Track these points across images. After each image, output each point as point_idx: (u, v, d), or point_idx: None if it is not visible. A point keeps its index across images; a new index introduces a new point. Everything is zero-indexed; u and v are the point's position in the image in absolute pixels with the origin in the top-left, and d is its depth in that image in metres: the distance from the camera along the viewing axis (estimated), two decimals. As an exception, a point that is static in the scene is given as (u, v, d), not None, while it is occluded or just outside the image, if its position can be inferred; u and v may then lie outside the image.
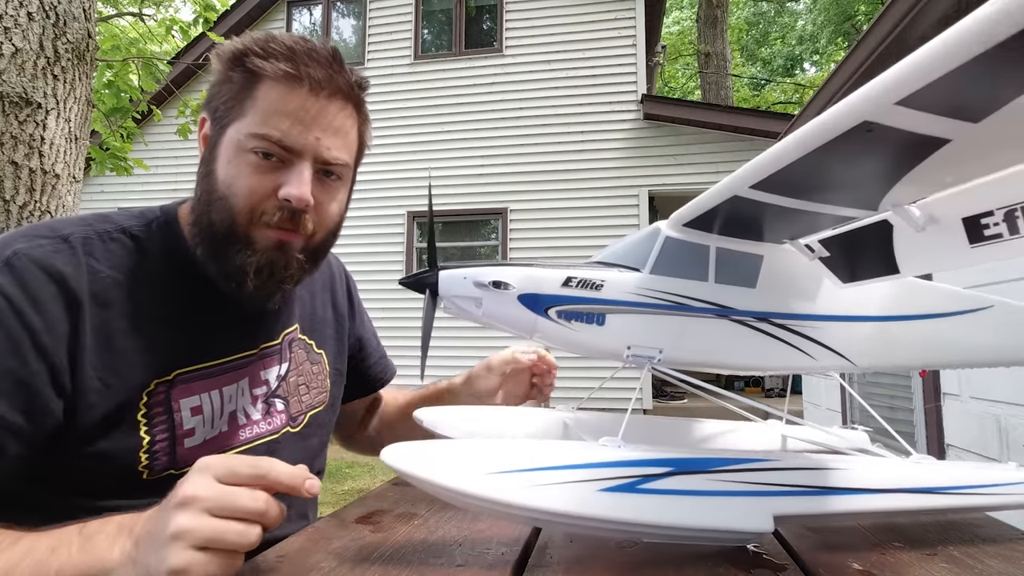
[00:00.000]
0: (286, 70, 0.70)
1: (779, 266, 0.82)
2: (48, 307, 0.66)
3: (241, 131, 0.72)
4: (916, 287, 0.89)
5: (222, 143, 0.74)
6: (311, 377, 0.95)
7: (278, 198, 0.72)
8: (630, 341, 0.78)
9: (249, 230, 0.74)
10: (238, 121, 0.72)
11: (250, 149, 0.72)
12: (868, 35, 3.04)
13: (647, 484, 0.61)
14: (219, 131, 0.74)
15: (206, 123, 0.78)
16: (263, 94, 0.71)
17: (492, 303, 0.79)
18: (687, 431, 1.12)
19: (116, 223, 0.77)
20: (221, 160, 0.73)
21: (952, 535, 0.74)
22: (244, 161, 0.72)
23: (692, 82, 18.60)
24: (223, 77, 0.75)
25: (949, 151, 0.51)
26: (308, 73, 0.71)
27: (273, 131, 0.71)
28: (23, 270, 0.66)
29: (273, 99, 0.71)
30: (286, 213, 0.73)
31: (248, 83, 0.72)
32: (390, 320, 6.66)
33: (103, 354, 0.70)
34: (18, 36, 1.79)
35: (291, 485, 0.55)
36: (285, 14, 7.82)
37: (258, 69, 0.71)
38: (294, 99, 0.71)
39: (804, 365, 0.84)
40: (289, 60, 0.71)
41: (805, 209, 0.67)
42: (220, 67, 0.75)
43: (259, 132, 0.71)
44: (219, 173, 0.73)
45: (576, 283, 0.78)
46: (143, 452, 0.72)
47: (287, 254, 0.76)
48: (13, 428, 0.64)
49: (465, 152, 6.89)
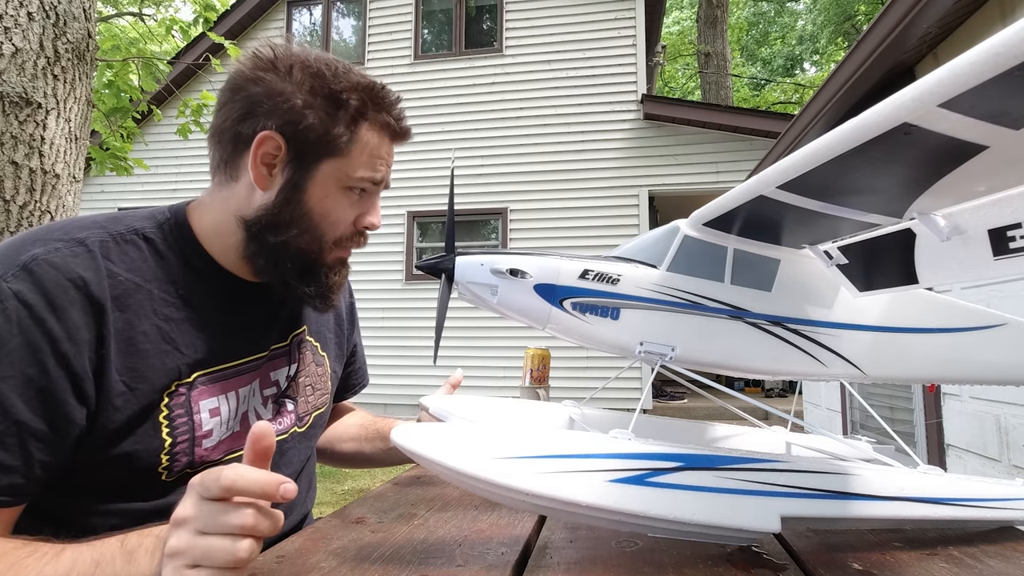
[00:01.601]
0: (386, 121, 0.79)
1: (796, 271, 0.82)
2: (69, 314, 0.66)
3: (343, 170, 0.77)
4: (930, 300, 0.89)
5: (315, 176, 0.77)
6: (316, 378, 0.97)
7: (357, 226, 0.82)
8: (643, 337, 0.78)
9: (330, 255, 0.82)
10: (338, 159, 0.77)
11: (350, 187, 0.79)
12: (868, 35, 3.03)
13: (656, 478, 0.61)
14: (310, 161, 0.76)
15: (270, 142, 0.74)
16: (366, 139, 0.77)
17: (508, 291, 0.79)
18: (691, 433, 1.12)
19: (128, 224, 0.77)
20: (315, 192, 0.77)
21: (952, 535, 0.74)
22: (343, 196, 0.79)
23: (692, 82, 18.59)
24: (316, 109, 0.73)
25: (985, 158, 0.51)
26: (400, 126, 0.81)
27: (375, 174, 0.79)
28: (43, 276, 0.65)
29: (375, 144, 0.78)
30: (365, 238, 0.84)
31: (352, 126, 0.76)
32: (390, 320, 6.67)
33: (127, 358, 0.70)
34: (18, 36, 1.79)
35: (263, 493, 0.53)
36: (285, 14, 7.82)
37: (363, 114, 0.77)
38: (385, 144, 0.80)
39: (815, 371, 0.84)
40: (387, 111, 0.79)
41: (829, 213, 0.67)
42: (310, 97, 0.74)
43: (366, 175, 0.78)
44: (312, 204, 0.78)
45: (593, 276, 0.78)
46: (164, 454, 0.73)
47: (347, 268, 0.87)
48: (39, 435, 0.64)
49: (465, 152, 6.89)
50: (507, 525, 0.76)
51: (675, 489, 0.61)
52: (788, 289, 0.82)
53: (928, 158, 0.53)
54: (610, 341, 0.80)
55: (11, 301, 0.63)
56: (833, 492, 0.66)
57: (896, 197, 0.63)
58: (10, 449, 0.62)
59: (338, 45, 7.85)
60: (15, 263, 0.65)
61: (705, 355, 0.80)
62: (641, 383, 5.98)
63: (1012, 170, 0.55)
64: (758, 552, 0.67)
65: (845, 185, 0.61)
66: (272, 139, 0.74)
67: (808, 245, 0.81)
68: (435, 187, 6.84)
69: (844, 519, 0.68)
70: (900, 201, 0.64)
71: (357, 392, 1.18)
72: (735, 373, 0.87)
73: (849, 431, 3.80)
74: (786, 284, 0.81)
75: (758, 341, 0.81)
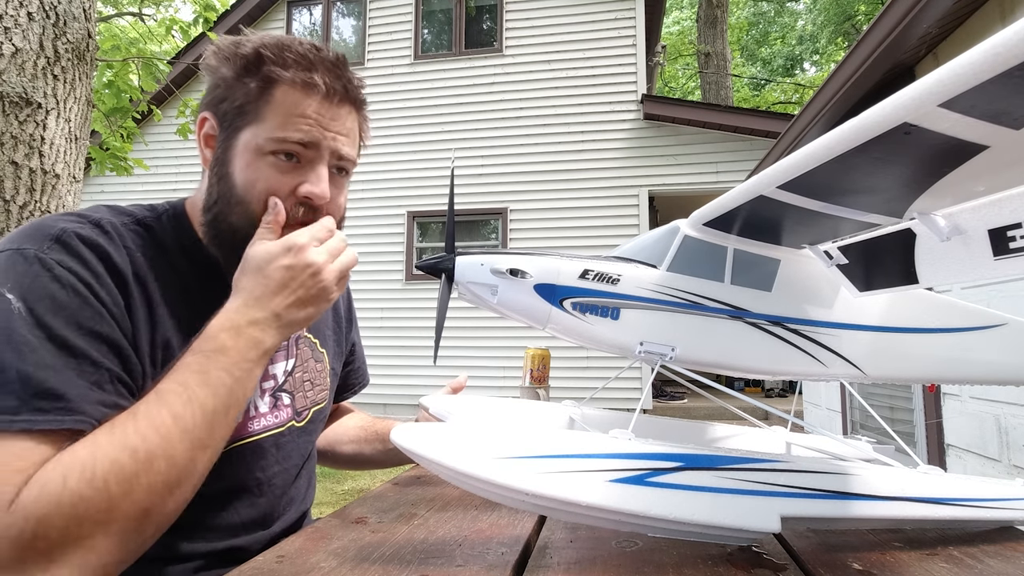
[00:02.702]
0: (303, 77, 0.74)
1: (796, 271, 0.82)
2: (106, 281, 0.68)
3: (259, 135, 0.74)
4: (930, 300, 0.89)
5: (236, 146, 0.75)
6: (315, 374, 0.97)
7: (297, 196, 0.76)
8: (643, 337, 0.78)
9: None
10: (254, 125, 0.74)
11: (271, 152, 0.74)
12: (868, 35, 3.03)
13: (656, 478, 0.61)
14: (231, 134, 0.76)
15: (207, 123, 0.79)
16: (280, 99, 0.74)
17: (508, 291, 0.79)
18: (691, 433, 1.12)
19: (131, 214, 0.78)
20: (238, 163, 0.75)
21: (952, 535, 0.74)
22: (264, 164, 0.75)
23: (692, 82, 18.58)
24: (233, 81, 0.76)
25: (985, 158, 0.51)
26: (324, 80, 0.75)
27: (295, 133, 0.74)
28: (77, 248, 0.67)
29: (291, 104, 0.74)
30: (307, 210, 0.77)
31: (264, 89, 0.74)
32: (390, 320, 6.67)
33: (150, 330, 0.72)
34: (18, 36, 1.79)
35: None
36: (285, 14, 7.82)
37: (275, 75, 0.73)
38: (311, 103, 0.74)
39: (815, 371, 0.84)
40: (305, 68, 0.74)
41: (829, 213, 0.67)
42: (229, 71, 0.76)
43: (280, 135, 0.73)
44: (236, 177, 0.75)
45: (593, 276, 0.78)
46: None
47: None
48: (128, 386, 0.66)
49: (465, 152, 6.89)
50: (507, 525, 0.76)
51: (675, 489, 0.61)
52: (788, 289, 0.82)
53: (928, 158, 0.53)
54: (610, 341, 0.80)
55: (58, 269, 0.65)
56: (833, 492, 0.66)
57: (896, 197, 0.63)
58: (109, 393, 0.64)
59: (338, 45, 7.85)
60: (48, 236, 0.67)
61: (705, 355, 0.80)
62: (641, 383, 5.98)
63: (1012, 170, 0.55)
64: (758, 552, 0.67)
65: (845, 185, 0.61)
66: (207, 119, 0.78)
67: (808, 245, 0.81)
68: (435, 187, 6.84)
69: (844, 519, 0.68)
70: (900, 201, 0.64)
71: (357, 392, 1.18)
72: (735, 373, 0.87)
73: (849, 431, 3.80)
74: (786, 284, 0.81)
75: (758, 341, 0.81)
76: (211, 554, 0.78)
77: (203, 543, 0.77)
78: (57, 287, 0.64)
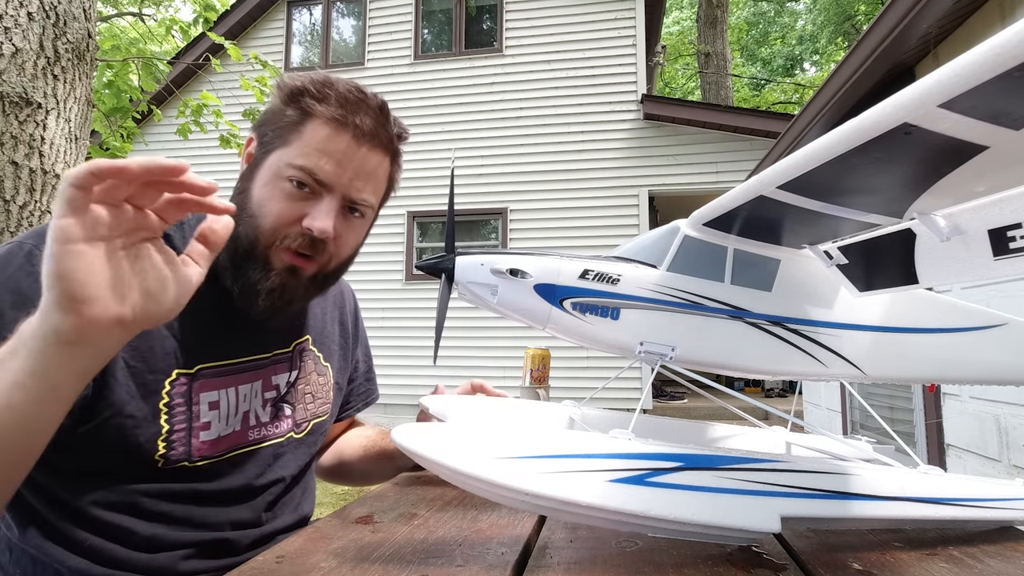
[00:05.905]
0: (335, 115, 0.76)
1: (796, 271, 0.82)
2: None
3: (283, 159, 0.77)
4: (930, 300, 0.89)
5: (263, 166, 0.79)
6: (317, 387, 0.98)
7: (302, 226, 0.77)
8: (643, 337, 0.78)
9: (269, 251, 0.78)
10: (282, 149, 0.77)
11: (287, 177, 0.76)
12: (868, 35, 3.03)
13: (656, 478, 0.61)
14: (263, 154, 0.79)
15: (252, 142, 0.83)
16: (311, 132, 0.76)
17: (508, 291, 0.80)
18: (691, 433, 1.12)
19: None
20: (259, 181, 0.78)
21: (952, 535, 0.74)
22: (279, 186, 0.77)
23: (692, 82, 18.58)
24: (277, 108, 0.80)
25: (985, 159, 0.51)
26: (355, 122, 0.77)
27: (311, 164, 0.75)
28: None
29: (318, 138, 0.76)
30: (306, 240, 0.78)
31: (299, 119, 0.77)
32: (390, 320, 6.67)
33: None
34: (18, 36, 1.79)
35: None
36: (285, 14, 7.81)
37: (311, 108, 0.76)
38: (338, 142, 0.76)
39: (815, 371, 0.84)
40: (340, 106, 0.76)
41: (829, 213, 0.67)
42: (277, 98, 0.80)
43: (299, 163, 0.76)
44: (254, 192, 0.78)
45: (593, 276, 0.78)
46: (161, 440, 0.74)
47: (298, 279, 0.80)
48: None
49: (465, 152, 6.88)
50: (507, 525, 0.76)
51: (675, 489, 0.61)
52: (788, 289, 0.82)
53: (928, 158, 0.53)
54: (610, 341, 0.80)
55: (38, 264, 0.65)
56: (833, 492, 0.66)
57: (896, 197, 0.63)
58: None
59: (338, 45, 7.85)
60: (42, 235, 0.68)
61: (705, 355, 0.80)
62: (641, 383, 5.98)
63: (1012, 170, 0.55)
64: (758, 552, 0.67)
65: (845, 185, 0.61)
66: (252, 139, 0.83)
67: (808, 245, 0.81)
68: (435, 187, 6.83)
69: (844, 519, 0.68)
70: (900, 201, 0.64)
71: (360, 409, 1.16)
72: (735, 373, 0.87)
73: (849, 431, 3.80)
74: (786, 284, 0.81)
75: (758, 341, 0.81)
76: (201, 543, 0.80)
77: (194, 534, 0.79)
78: (32, 280, 0.65)
